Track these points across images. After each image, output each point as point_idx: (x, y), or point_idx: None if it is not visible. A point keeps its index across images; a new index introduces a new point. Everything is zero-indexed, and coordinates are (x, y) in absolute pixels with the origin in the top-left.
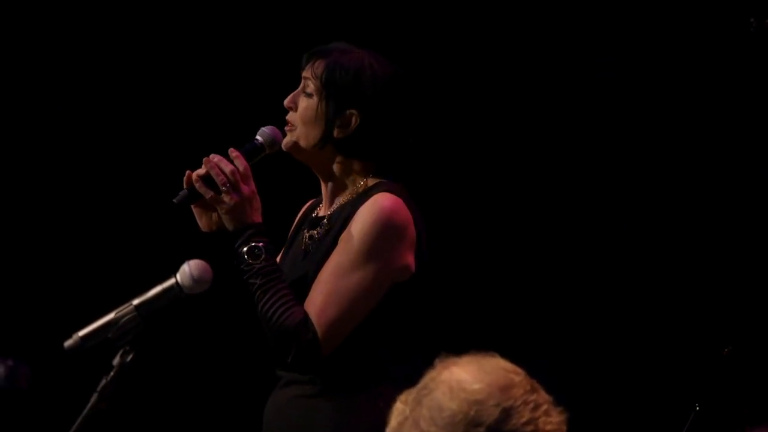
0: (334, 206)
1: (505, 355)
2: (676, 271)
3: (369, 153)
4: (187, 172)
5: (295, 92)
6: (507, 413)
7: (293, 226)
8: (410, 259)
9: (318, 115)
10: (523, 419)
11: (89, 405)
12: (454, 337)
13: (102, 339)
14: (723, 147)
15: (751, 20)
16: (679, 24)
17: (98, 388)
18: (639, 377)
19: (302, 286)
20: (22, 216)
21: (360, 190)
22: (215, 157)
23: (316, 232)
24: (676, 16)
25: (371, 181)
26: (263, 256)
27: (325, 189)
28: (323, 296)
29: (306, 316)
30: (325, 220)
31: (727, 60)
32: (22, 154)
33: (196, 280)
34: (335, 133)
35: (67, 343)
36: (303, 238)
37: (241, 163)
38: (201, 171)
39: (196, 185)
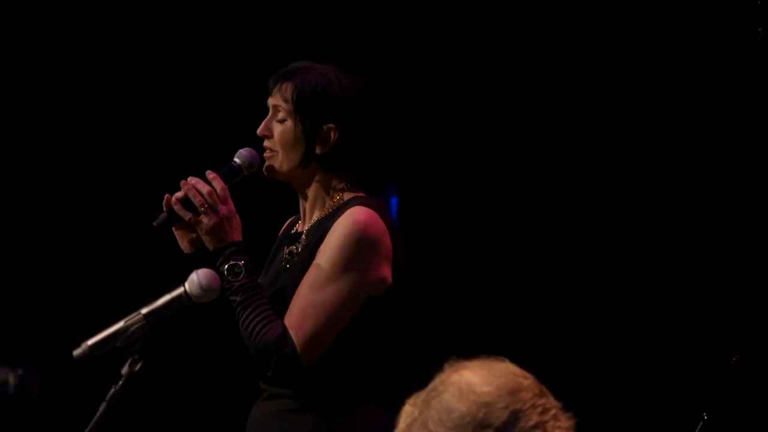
0: (312, 221)
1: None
2: (683, 276)
3: (350, 165)
4: (166, 195)
5: (266, 120)
6: (515, 416)
7: (276, 243)
8: (386, 272)
9: (296, 137)
10: (531, 422)
11: (98, 413)
12: (447, 344)
13: (111, 348)
14: (723, 147)
15: (759, 30)
16: (679, 24)
17: (107, 397)
18: (647, 386)
19: (281, 301)
20: (28, 224)
21: (336, 204)
22: (192, 179)
23: (295, 247)
24: (676, 16)
25: (347, 195)
26: (243, 273)
27: (303, 205)
28: (300, 310)
29: (285, 330)
30: (303, 236)
31: (727, 60)
32: (24, 157)
33: (204, 289)
34: (318, 150)
35: (76, 351)
36: (283, 254)
37: (218, 184)
38: (179, 194)
39: (175, 207)
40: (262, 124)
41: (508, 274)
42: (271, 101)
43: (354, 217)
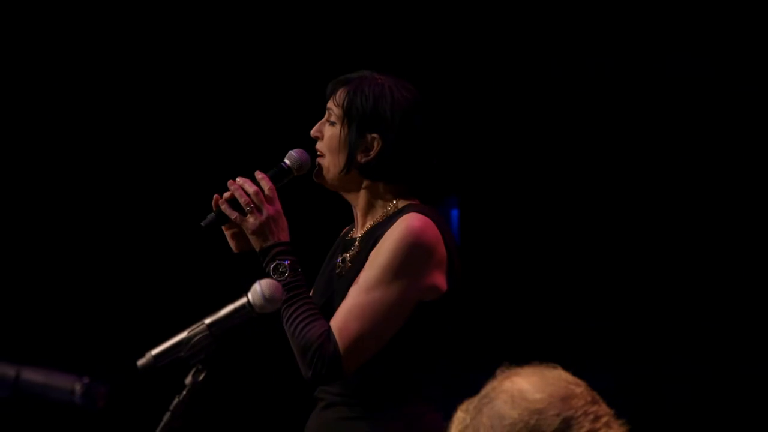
0: (365, 229)
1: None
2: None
3: (394, 176)
4: (215, 195)
5: (320, 122)
6: (567, 423)
7: (331, 250)
8: (439, 279)
9: (341, 141)
10: (583, 430)
11: (162, 424)
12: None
13: (175, 357)
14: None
15: None
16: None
17: (171, 407)
18: (716, 396)
19: (332, 307)
20: (92, 235)
21: (390, 212)
22: (240, 180)
23: (348, 254)
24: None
25: (401, 203)
26: (288, 272)
27: (356, 213)
28: (347, 311)
29: (329, 329)
30: (357, 243)
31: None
32: (85, 165)
33: (267, 299)
34: (359, 158)
35: (140, 361)
36: (336, 261)
37: (266, 184)
38: (227, 194)
39: (222, 207)
40: (316, 125)
41: (571, 285)
42: (327, 105)
43: (408, 223)
